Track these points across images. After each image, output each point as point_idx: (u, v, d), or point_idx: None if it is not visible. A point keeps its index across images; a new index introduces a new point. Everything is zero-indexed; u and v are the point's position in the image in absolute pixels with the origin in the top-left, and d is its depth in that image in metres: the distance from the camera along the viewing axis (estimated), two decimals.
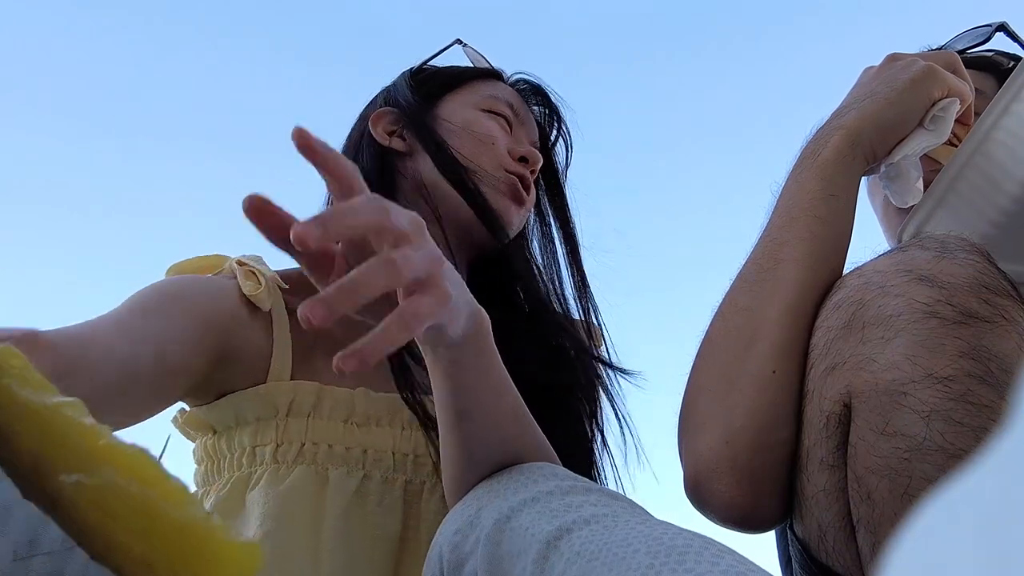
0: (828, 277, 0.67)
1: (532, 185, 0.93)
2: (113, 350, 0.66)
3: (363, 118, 0.98)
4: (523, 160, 0.92)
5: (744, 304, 0.69)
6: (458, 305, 0.56)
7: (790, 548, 0.70)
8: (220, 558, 0.30)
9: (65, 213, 2.73)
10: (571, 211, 1.01)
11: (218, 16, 2.94)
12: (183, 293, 0.77)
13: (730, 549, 0.49)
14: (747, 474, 0.64)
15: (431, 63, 1.01)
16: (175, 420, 0.84)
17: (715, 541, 0.49)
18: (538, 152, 0.93)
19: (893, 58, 0.77)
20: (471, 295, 0.60)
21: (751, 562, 0.47)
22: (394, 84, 0.99)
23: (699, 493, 0.66)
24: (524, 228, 0.98)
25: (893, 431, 0.56)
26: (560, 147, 1.03)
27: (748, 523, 0.66)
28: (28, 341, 0.57)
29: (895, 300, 0.59)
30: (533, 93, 1.01)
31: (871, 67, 0.79)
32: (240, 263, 0.85)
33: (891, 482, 0.56)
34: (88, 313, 0.68)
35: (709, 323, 0.71)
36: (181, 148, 2.86)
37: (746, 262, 0.71)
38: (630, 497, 0.60)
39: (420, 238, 0.52)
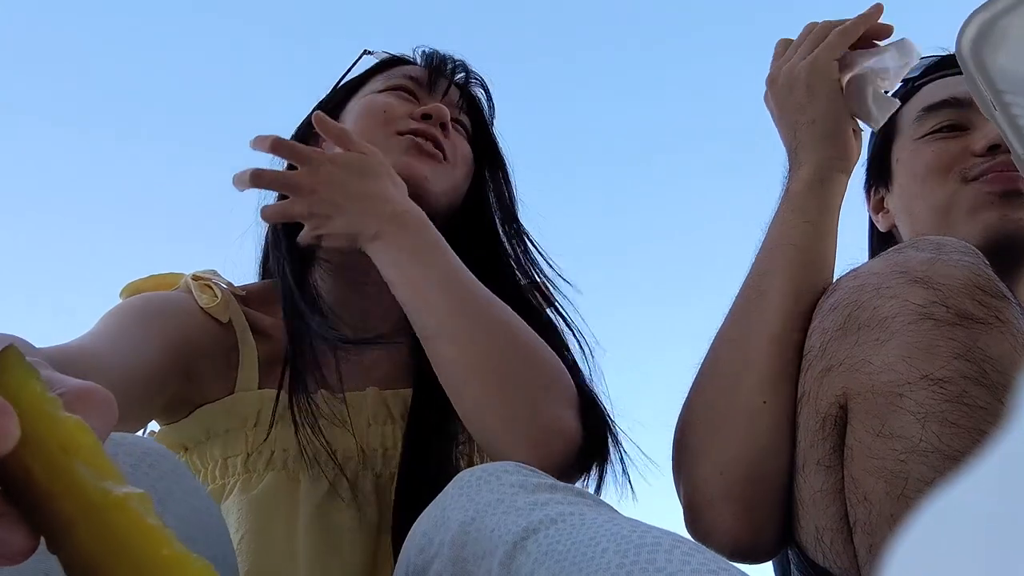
0: (812, 301, 0.69)
1: (443, 137, 0.87)
2: (113, 370, 0.66)
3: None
4: (427, 117, 0.87)
5: (732, 336, 0.71)
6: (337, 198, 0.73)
7: (788, 552, 0.71)
8: None
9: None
10: (505, 156, 0.97)
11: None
12: (154, 312, 0.78)
13: (700, 547, 0.48)
14: (743, 504, 0.65)
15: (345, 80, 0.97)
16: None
17: (685, 539, 0.48)
18: (442, 105, 0.88)
19: (772, 81, 0.81)
20: (406, 200, 0.75)
21: (722, 559, 0.47)
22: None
23: (698, 525, 0.67)
24: (481, 191, 0.95)
25: (889, 433, 0.56)
26: (480, 94, 0.97)
27: (750, 554, 0.67)
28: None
29: (890, 302, 0.59)
30: (437, 61, 0.95)
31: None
32: (195, 277, 0.85)
33: (888, 484, 0.56)
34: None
35: (702, 358, 0.73)
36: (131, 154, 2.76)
37: (735, 296, 0.74)
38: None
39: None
